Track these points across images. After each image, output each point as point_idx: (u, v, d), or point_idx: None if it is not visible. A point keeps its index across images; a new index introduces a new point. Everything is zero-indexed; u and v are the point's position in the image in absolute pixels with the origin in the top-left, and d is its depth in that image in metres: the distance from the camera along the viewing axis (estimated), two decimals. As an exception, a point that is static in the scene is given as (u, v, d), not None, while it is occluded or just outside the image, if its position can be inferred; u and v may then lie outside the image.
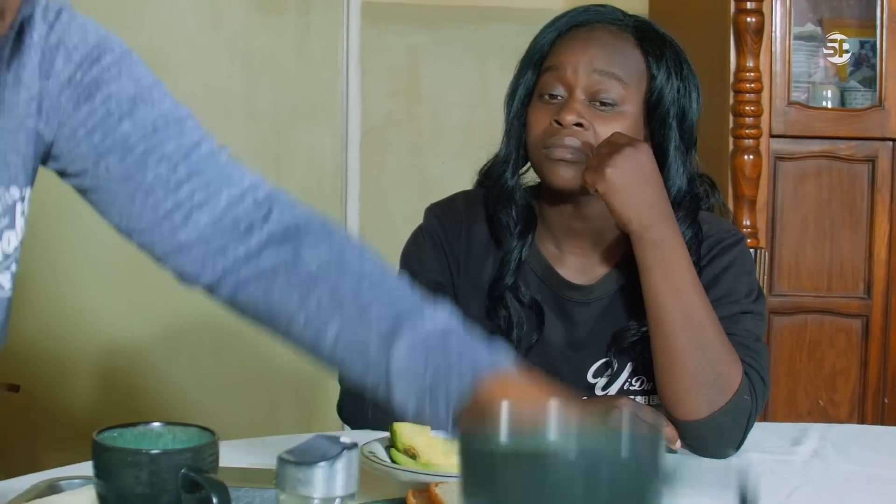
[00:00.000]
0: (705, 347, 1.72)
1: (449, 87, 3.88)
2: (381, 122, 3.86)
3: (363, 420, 1.81)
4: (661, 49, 1.89)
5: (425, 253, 1.97)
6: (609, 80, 1.84)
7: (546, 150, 1.84)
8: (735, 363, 1.73)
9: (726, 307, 1.82)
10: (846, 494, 1.54)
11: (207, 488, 1.14)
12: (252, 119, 3.77)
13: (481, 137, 1.99)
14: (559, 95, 1.85)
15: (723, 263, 1.87)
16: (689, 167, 1.90)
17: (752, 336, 1.82)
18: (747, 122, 3.19)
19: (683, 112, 1.89)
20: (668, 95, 1.87)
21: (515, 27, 3.88)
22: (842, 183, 3.29)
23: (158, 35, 3.68)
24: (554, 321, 1.92)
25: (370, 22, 3.82)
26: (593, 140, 1.81)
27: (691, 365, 1.72)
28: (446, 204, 2.01)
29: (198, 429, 1.25)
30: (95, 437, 1.20)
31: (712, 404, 1.71)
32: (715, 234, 1.90)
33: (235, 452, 1.49)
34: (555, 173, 1.84)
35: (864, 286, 3.30)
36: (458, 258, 1.96)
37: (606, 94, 1.84)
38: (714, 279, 1.85)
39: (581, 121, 1.82)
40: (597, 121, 1.83)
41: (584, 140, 1.82)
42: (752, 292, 1.86)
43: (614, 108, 1.84)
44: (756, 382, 1.76)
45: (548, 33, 1.92)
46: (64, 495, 1.34)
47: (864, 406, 3.32)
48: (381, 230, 3.83)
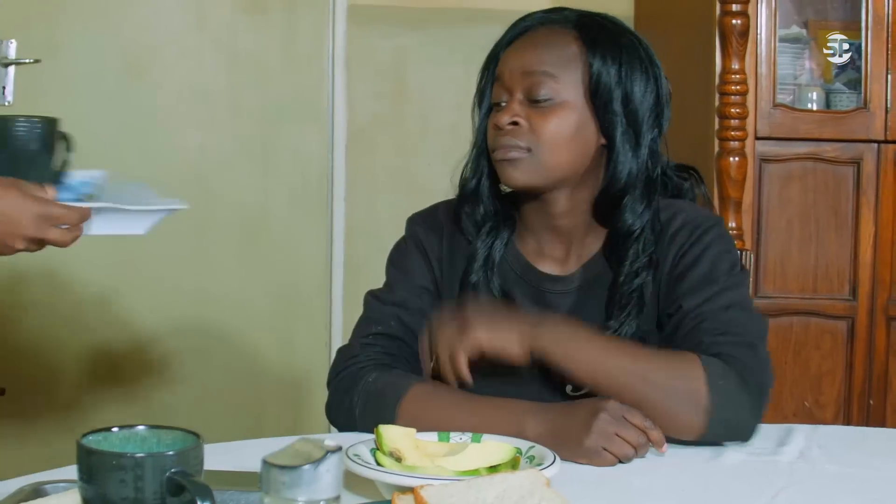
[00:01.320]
0: (654, 386, 1.73)
1: (435, 88, 3.88)
2: (367, 124, 3.86)
3: (351, 422, 1.83)
4: (598, 35, 1.92)
5: (410, 260, 2.02)
6: (539, 76, 1.90)
7: (493, 154, 1.92)
8: (689, 368, 1.74)
9: (709, 283, 1.86)
10: (831, 495, 1.54)
11: (192, 492, 1.14)
12: (238, 120, 3.76)
13: (468, 139, 2.00)
14: (503, 102, 1.92)
15: (703, 244, 1.90)
16: (643, 152, 1.93)
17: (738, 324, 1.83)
18: (733, 124, 3.20)
19: (627, 96, 1.91)
20: (605, 81, 1.90)
21: (502, 29, 3.88)
22: (827, 185, 3.30)
23: (144, 35, 3.68)
24: (533, 311, 1.94)
25: (356, 24, 3.82)
26: (529, 135, 1.88)
27: (655, 406, 1.72)
28: (427, 213, 2.07)
29: (182, 432, 1.25)
30: (80, 440, 1.20)
31: (701, 415, 1.72)
32: (694, 219, 1.94)
33: (220, 455, 1.49)
34: (503, 174, 1.92)
35: (849, 288, 3.31)
36: (441, 264, 2.01)
37: (539, 91, 1.89)
38: (695, 260, 1.89)
39: (515, 119, 1.89)
40: (534, 117, 1.89)
41: (521, 137, 1.88)
42: (735, 267, 1.91)
43: (551, 102, 1.89)
44: (738, 356, 1.76)
45: (497, 47, 2.01)
46: (49, 499, 1.33)
47: (850, 407, 3.33)
48: (368, 232, 3.83)
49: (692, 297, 1.86)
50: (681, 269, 1.90)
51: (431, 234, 2.03)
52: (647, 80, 1.93)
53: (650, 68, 1.94)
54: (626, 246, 1.92)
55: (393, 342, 1.93)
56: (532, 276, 1.98)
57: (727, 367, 1.74)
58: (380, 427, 1.55)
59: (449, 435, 1.63)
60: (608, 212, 1.94)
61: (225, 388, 3.80)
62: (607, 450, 1.63)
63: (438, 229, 2.03)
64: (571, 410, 1.69)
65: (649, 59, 1.95)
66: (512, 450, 1.57)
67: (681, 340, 1.84)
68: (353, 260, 3.85)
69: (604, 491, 1.54)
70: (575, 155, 1.91)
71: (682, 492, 1.56)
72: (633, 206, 1.91)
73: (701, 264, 1.89)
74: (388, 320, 1.95)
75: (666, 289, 1.91)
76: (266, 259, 3.81)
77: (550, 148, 1.89)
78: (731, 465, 1.67)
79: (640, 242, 1.91)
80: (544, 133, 1.88)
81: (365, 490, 1.47)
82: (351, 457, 1.47)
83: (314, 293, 3.86)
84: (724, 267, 1.89)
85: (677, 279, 1.89)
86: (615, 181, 1.91)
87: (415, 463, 1.53)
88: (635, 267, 1.91)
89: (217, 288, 3.78)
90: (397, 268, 2.03)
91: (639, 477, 1.60)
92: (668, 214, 1.95)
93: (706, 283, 1.86)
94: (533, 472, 1.39)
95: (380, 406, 1.79)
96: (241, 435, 1.89)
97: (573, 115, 1.90)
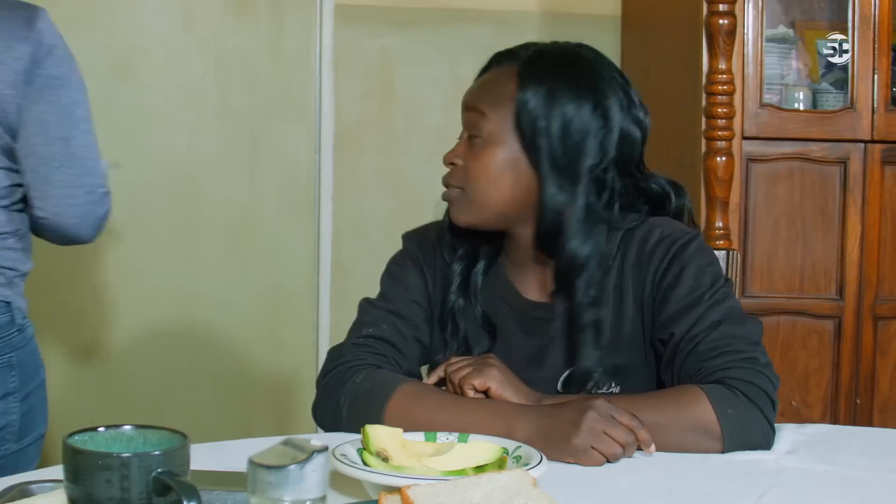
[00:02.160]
0: (667, 433, 1.72)
1: (422, 88, 3.87)
2: (354, 124, 3.86)
3: (337, 422, 1.83)
4: (533, 69, 1.91)
5: (407, 275, 2.04)
6: (472, 114, 1.93)
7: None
8: (695, 405, 1.73)
9: (695, 303, 1.85)
10: (818, 495, 1.55)
11: (178, 492, 1.14)
12: (225, 120, 3.76)
13: (455, 139, 2.00)
14: (459, 139, 1.97)
15: (681, 262, 1.89)
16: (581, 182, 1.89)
17: (732, 338, 1.83)
18: (719, 124, 3.20)
19: (556, 126, 1.88)
20: (529, 114, 1.89)
21: (488, 28, 3.89)
22: (814, 184, 3.31)
23: (131, 35, 3.67)
24: (519, 337, 1.98)
25: (343, 24, 3.82)
26: (463, 174, 1.92)
27: (672, 449, 1.72)
28: (421, 231, 2.10)
29: (169, 432, 1.25)
30: (66, 440, 1.20)
31: (717, 445, 1.72)
32: (669, 235, 1.93)
33: (207, 455, 1.49)
34: (451, 214, 1.96)
35: (836, 287, 3.32)
36: (435, 282, 2.03)
37: (472, 128, 1.93)
38: (676, 279, 1.88)
39: (453, 160, 1.93)
40: (469, 157, 1.92)
41: (455, 177, 1.93)
42: (718, 280, 1.89)
43: (480, 141, 1.91)
44: (740, 377, 1.76)
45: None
46: (35, 499, 1.33)
47: (837, 407, 3.33)
48: (355, 232, 3.83)
49: (681, 322, 1.85)
50: (664, 291, 1.89)
51: (427, 252, 2.05)
52: (584, 108, 1.89)
53: (592, 95, 1.89)
54: (571, 279, 1.91)
55: (384, 345, 1.94)
56: (517, 302, 2.00)
57: (732, 393, 1.74)
58: (366, 427, 1.55)
59: (436, 435, 1.63)
60: (549, 245, 1.93)
61: (213, 387, 3.80)
62: (595, 448, 1.63)
63: (431, 248, 2.05)
64: (559, 410, 1.69)
65: (591, 87, 1.90)
66: (499, 450, 1.57)
67: (679, 369, 1.84)
68: (341, 259, 3.85)
69: (591, 491, 1.54)
70: (505, 191, 1.90)
71: (668, 492, 1.56)
72: (570, 239, 1.89)
73: (682, 284, 1.87)
74: (380, 323, 1.96)
75: (650, 312, 1.91)
76: (253, 259, 3.81)
77: (478, 186, 1.91)
78: (717, 465, 1.67)
79: (585, 275, 1.90)
80: (472, 172, 1.91)
81: (351, 490, 1.47)
82: (338, 457, 1.47)
83: (301, 293, 3.85)
84: (707, 282, 1.88)
85: (661, 302, 1.89)
86: (544, 214, 1.90)
87: (402, 463, 1.52)
88: (585, 300, 1.90)
89: (204, 287, 3.78)
90: (394, 280, 2.04)
91: (626, 477, 1.60)
92: (644, 232, 1.94)
93: (692, 305, 1.85)
94: (519, 472, 1.39)
95: (367, 406, 1.79)
96: (229, 435, 1.89)
97: (502, 151, 1.90)
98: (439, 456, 1.56)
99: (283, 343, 3.85)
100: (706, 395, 1.73)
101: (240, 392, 3.84)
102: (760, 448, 1.74)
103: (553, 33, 3.68)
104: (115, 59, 3.67)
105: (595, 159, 1.90)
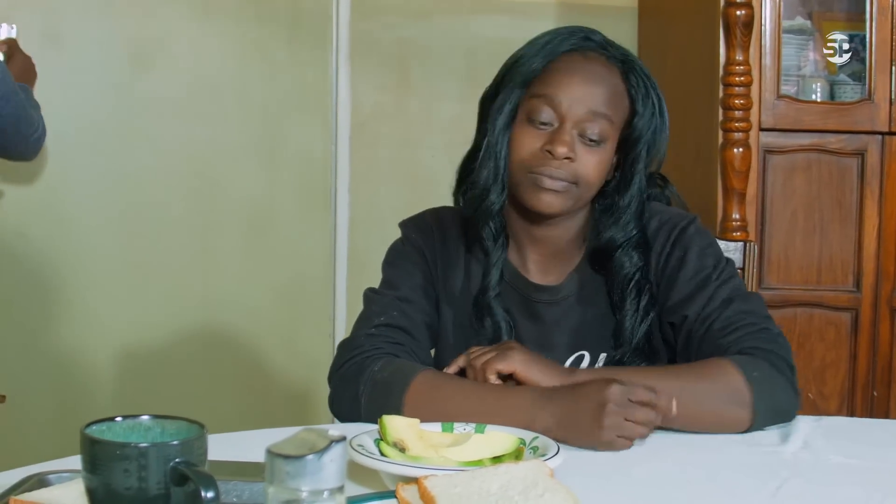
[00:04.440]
0: (699, 400, 1.77)
1: (438, 79, 3.87)
2: (370, 115, 3.86)
3: (354, 414, 1.83)
4: (647, 89, 1.97)
5: (409, 261, 2.05)
6: (601, 119, 1.93)
7: (533, 176, 1.92)
8: (723, 372, 1.78)
9: (703, 284, 1.93)
10: (835, 486, 1.54)
11: (196, 482, 1.14)
12: (242, 113, 3.76)
13: (471, 130, 2.00)
14: (550, 123, 1.92)
15: (682, 246, 1.97)
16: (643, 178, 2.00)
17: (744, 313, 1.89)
18: (737, 116, 3.19)
19: (654, 142, 1.98)
20: (646, 133, 1.97)
21: (505, 19, 3.88)
22: (831, 176, 3.30)
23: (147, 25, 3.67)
24: (525, 323, 2.01)
25: (359, 15, 3.81)
26: (579, 170, 1.91)
27: (704, 415, 1.77)
28: (418, 219, 2.11)
29: (186, 422, 1.25)
30: (84, 430, 1.20)
31: (747, 411, 1.77)
32: (669, 220, 2.01)
33: (224, 445, 1.49)
34: (541, 200, 1.92)
35: (853, 279, 3.31)
36: (437, 269, 2.05)
37: (595, 131, 1.92)
38: (680, 263, 1.96)
39: (571, 154, 1.90)
40: (583, 154, 1.92)
41: (571, 171, 1.91)
42: (720, 262, 1.97)
43: (599, 145, 1.93)
44: (760, 346, 1.83)
45: (538, 56, 1.96)
46: (53, 489, 1.33)
47: (854, 399, 3.33)
48: (371, 223, 3.83)
49: (693, 304, 1.92)
50: (668, 276, 1.97)
51: (427, 239, 2.06)
52: (666, 114, 1.99)
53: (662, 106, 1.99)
54: (610, 254, 1.98)
55: (398, 332, 1.94)
56: (522, 285, 2.03)
57: (757, 360, 1.80)
58: (383, 417, 1.55)
59: (453, 425, 1.63)
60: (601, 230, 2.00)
61: (231, 381, 3.80)
62: (622, 436, 1.66)
63: (430, 235, 2.06)
64: (577, 400, 1.69)
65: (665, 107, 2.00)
66: (516, 440, 1.57)
67: (697, 348, 1.90)
68: (357, 251, 3.85)
69: (608, 481, 1.54)
70: (599, 185, 1.98)
71: (686, 483, 1.56)
72: (622, 226, 1.98)
73: (687, 267, 1.95)
74: (391, 311, 1.96)
75: (656, 294, 1.97)
76: (271, 251, 3.81)
77: (588, 184, 1.94)
78: (734, 456, 1.67)
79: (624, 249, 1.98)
80: (588, 171, 1.93)
81: (369, 480, 1.47)
82: (355, 447, 1.47)
83: (318, 285, 3.85)
84: (710, 262, 1.96)
85: (668, 287, 1.96)
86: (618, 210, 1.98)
87: (419, 453, 1.53)
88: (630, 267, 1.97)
89: (222, 281, 3.78)
90: (396, 267, 2.05)
91: (642, 467, 1.60)
92: (644, 219, 2.01)
93: (701, 286, 1.93)
94: (536, 463, 1.39)
95: (386, 394, 1.79)
96: (245, 426, 1.89)
97: (610, 153, 1.96)
98: (456, 446, 1.57)
99: (300, 335, 3.85)
100: (732, 363, 1.79)
101: (257, 385, 3.84)
102: (786, 419, 1.81)
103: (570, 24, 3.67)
104: (133, 50, 3.66)
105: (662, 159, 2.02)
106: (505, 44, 2.03)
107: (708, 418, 1.76)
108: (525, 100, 1.95)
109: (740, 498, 1.50)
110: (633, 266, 1.96)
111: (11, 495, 1.31)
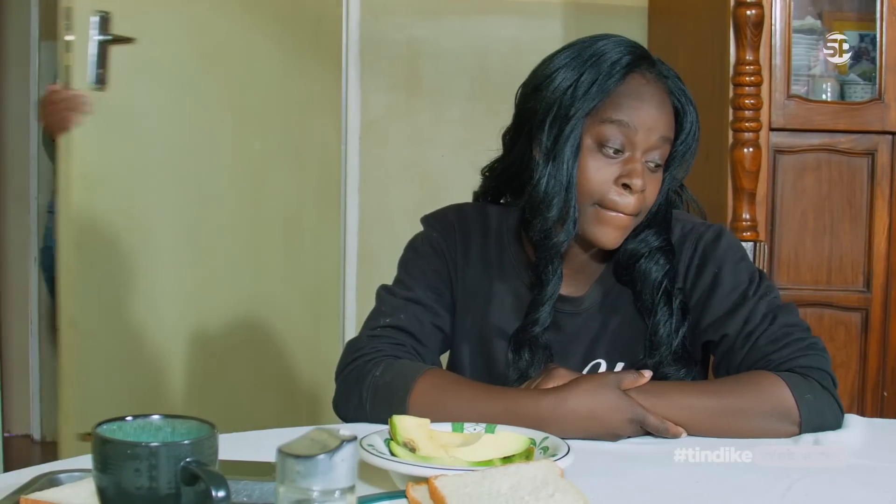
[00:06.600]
0: (748, 417, 1.76)
1: (448, 79, 3.88)
2: (380, 115, 3.86)
3: (361, 415, 1.83)
4: (691, 110, 1.92)
5: (426, 260, 2.01)
6: (666, 145, 1.89)
7: (602, 211, 1.86)
8: (773, 389, 1.77)
9: (742, 301, 1.89)
10: (845, 487, 1.54)
11: (207, 481, 1.14)
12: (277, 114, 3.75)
13: (481, 130, 2.00)
14: (622, 150, 1.86)
15: (715, 262, 1.93)
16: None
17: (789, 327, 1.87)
18: (747, 116, 3.19)
19: (685, 155, 1.95)
20: (688, 152, 1.93)
21: (514, 19, 3.89)
22: (841, 176, 3.29)
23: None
24: (548, 332, 1.97)
25: (370, 15, 3.82)
26: (647, 199, 1.88)
27: (752, 432, 1.76)
28: (440, 216, 2.06)
29: (197, 422, 1.25)
30: (95, 429, 1.20)
31: (794, 428, 1.77)
32: (693, 230, 1.97)
33: (235, 445, 1.49)
34: (606, 235, 1.88)
35: (863, 279, 3.30)
36: (457, 268, 2.01)
37: (661, 157, 1.89)
38: (714, 280, 1.92)
39: (645, 186, 1.86)
40: (648, 181, 1.87)
41: (640, 203, 1.87)
42: (754, 276, 1.92)
43: (660, 169, 1.90)
44: (810, 364, 1.81)
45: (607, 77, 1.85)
46: (63, 488, 1.34)
47: (864, 399, 3.32)
48: (381, 223, 3.84)
49: (733, 322, 1.88)
50: (702, 293, 1.93)
51: (448, 238, 2.02)
52: (698, 134, 1.96)
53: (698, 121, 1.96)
54: (638, 262, 1.95)
55: (401, 334, 1.93)
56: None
57: (806, 381, 1.79)
58: (394, 417, 1.55)
59: (463, 425, 1.64)
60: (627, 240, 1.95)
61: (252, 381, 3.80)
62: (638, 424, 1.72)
63: (452, 233, 2.03)
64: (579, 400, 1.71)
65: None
66: (526, 440, 1.57)
67: (740, 362, 1.87)
68: (367, 251, 3.85)
69: (618, 482, 1.54)
70: None
71: (695, 483, 1.55)
72: (648, 236, 1.94)
73: (723, 285, 1.91)
74: (398, 313, 1.94)
75: (688, 303, 1.94)
76: (298, 251, 3.80)
77: (647, 211, 1.92)
78: (745, 457, 1.67)
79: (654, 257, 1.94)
80: (651, 199, 1.90)
81: (379, 480, 1.47)
82: (365, 447, 1.47)
83: (328, 284, 3.86)
84: (745, 278, 1.91)
85: (702, 304, 1.92)
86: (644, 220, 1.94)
87: (429, 453, 1.53)
88: (658, 273, 1.93)
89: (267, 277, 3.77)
90: (413, 265, 2.02)
91: (653, 468, 1.60)
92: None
93: (740, 303, 1.89)
94: (547, 463, 1.39)
95: (390, 399, 1.79)
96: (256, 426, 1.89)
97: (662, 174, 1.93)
98: (467, 446, 1.57)
99: (310, 333, 3.86)
100: (784, 382, 1.77)
101: (273, 385, 3.84)
102: (833, 427, 1.80)
103: (580, 24, 3.68)
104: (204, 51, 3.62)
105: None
106: (514, 43, 2.03)
107: (756, 435, 1.75)
108: (593, 125, 1.85)
109: (750, 498, 1.50)
110: (661, 270, 1.92)
111: (22, 494, 1.31)
